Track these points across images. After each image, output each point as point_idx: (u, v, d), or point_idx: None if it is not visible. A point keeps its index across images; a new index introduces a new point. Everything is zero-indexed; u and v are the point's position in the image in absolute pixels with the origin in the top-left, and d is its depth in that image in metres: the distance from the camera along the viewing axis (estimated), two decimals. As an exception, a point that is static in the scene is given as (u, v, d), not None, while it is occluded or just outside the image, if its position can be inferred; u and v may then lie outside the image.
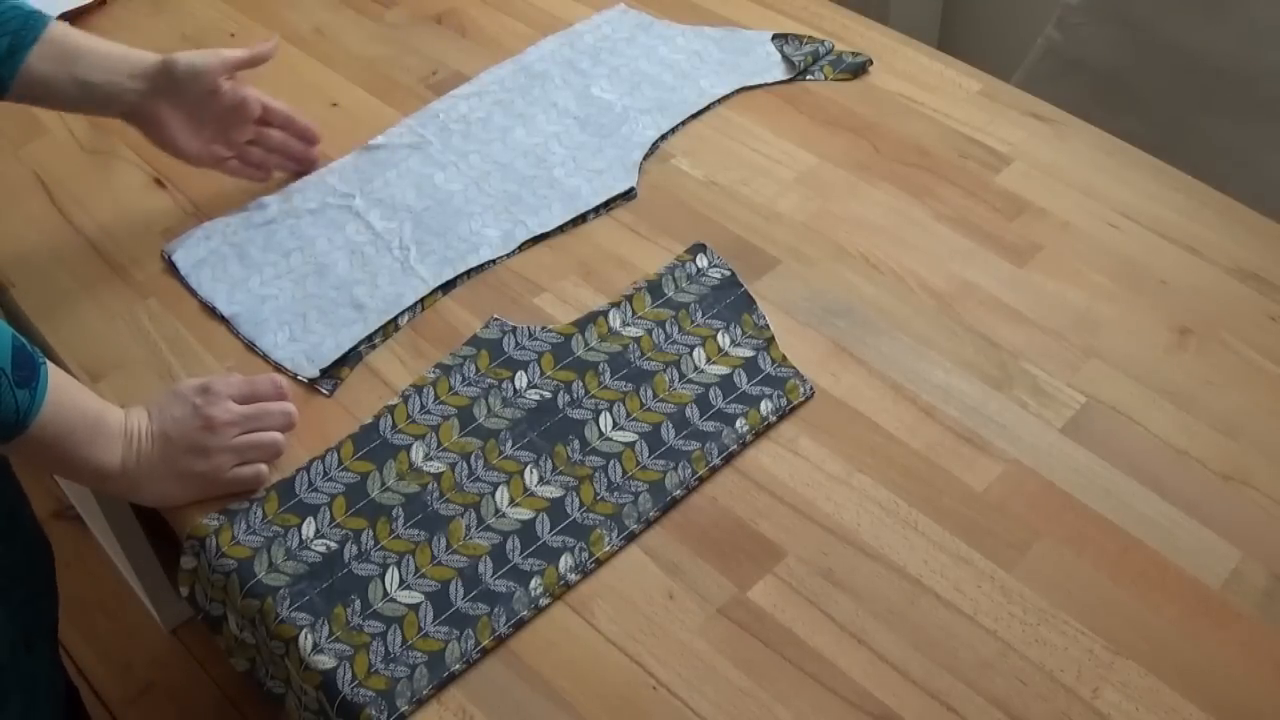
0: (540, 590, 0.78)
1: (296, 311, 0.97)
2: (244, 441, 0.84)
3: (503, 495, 0.83)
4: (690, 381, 0.90)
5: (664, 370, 0.91)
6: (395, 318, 0.96)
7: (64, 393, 0.77)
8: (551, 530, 0.81)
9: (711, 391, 0.90)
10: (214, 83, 0.97)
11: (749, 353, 0.92)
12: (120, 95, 0.94)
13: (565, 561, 0.80)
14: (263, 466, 0.84)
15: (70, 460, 0.79)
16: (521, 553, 0.80)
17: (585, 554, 0.80)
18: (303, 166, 1.08)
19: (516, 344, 0.93)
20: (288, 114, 1.04)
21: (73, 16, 1.27)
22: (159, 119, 0.97)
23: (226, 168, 1.03)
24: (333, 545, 0.81)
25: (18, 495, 0.97)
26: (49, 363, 0.77)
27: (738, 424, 0.87)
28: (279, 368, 0.93)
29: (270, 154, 1.05)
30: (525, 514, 0.82)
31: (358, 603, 0.78)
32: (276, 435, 0.85)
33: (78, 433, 0.78)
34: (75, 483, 0.91)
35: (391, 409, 0.89)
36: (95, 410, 0.80)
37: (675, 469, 0.84)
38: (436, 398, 0.90)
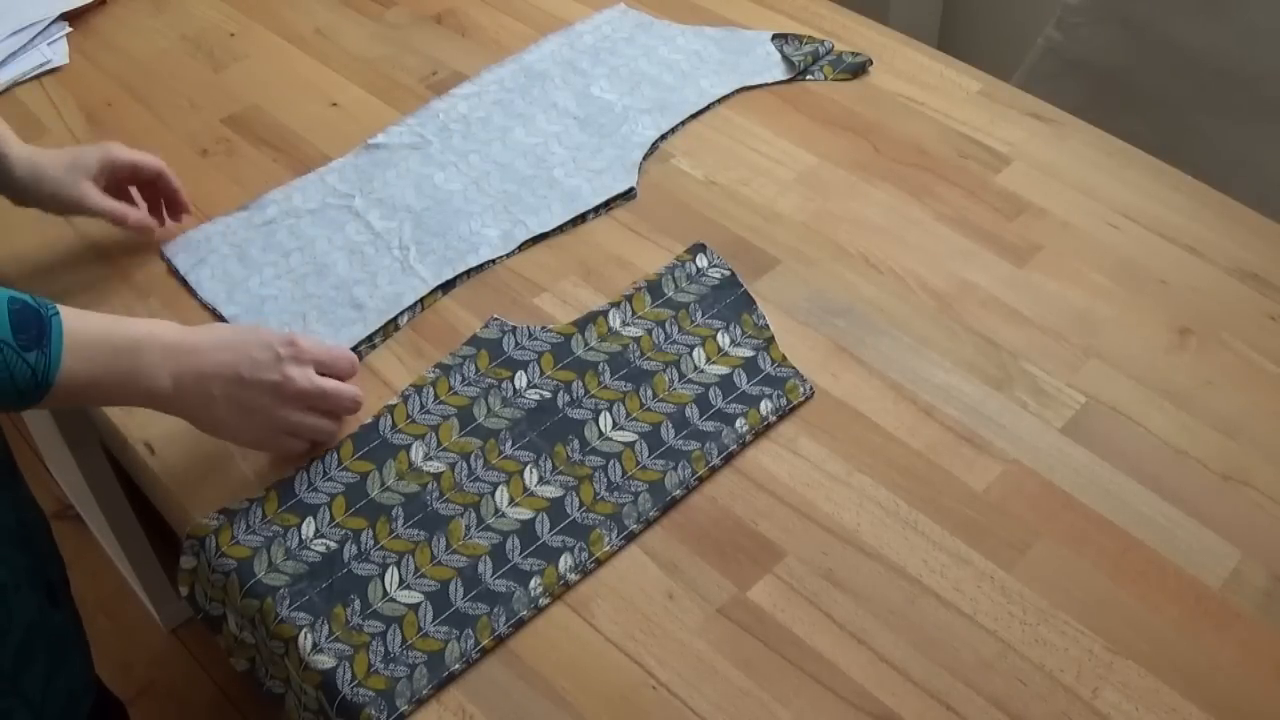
0: (540, 590, 0.78)
1: (296, 311, 0.97)
2: (309, 421, 0.84)
3: (502, 495, 0.83)
4: (690, 381, 0.90)
5: (664, 370, 0.91)
6: (395, 318, 0.96)
7: (85, 334, 0.75)
8: (551, 530, 0.81)
9: (711, 391, 0.89)
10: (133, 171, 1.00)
11: (749, 353, 0.92)
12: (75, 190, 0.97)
13: (565, 561, 0.80)
14: (304, 445, 0.85)
15: (116, 395, 0.79)
16: (521, 552, 0.80)
17: (585, 554, 0.80)
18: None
19: (516, 344, 0.93)
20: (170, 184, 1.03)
21: (73, 16, 1.28)
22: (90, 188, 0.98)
23: (114, 215, 1.00)
24: (332, 545, 0.81)
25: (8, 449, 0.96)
26: (62, 310, 0.75)
27: (737, 424, 0.87)
28: (279, 368, 0.93)
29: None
30: (525, 514, 0.82)
31: (357, 602, 0.78)
32: (334, 428, 0.85)
33: (114, 369, 0.77)
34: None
35: (391, 409, 0.89)
36: (129, 338, 0.78)
37: (675, 469, 0.84)
38: (436, 397, 0.90)
